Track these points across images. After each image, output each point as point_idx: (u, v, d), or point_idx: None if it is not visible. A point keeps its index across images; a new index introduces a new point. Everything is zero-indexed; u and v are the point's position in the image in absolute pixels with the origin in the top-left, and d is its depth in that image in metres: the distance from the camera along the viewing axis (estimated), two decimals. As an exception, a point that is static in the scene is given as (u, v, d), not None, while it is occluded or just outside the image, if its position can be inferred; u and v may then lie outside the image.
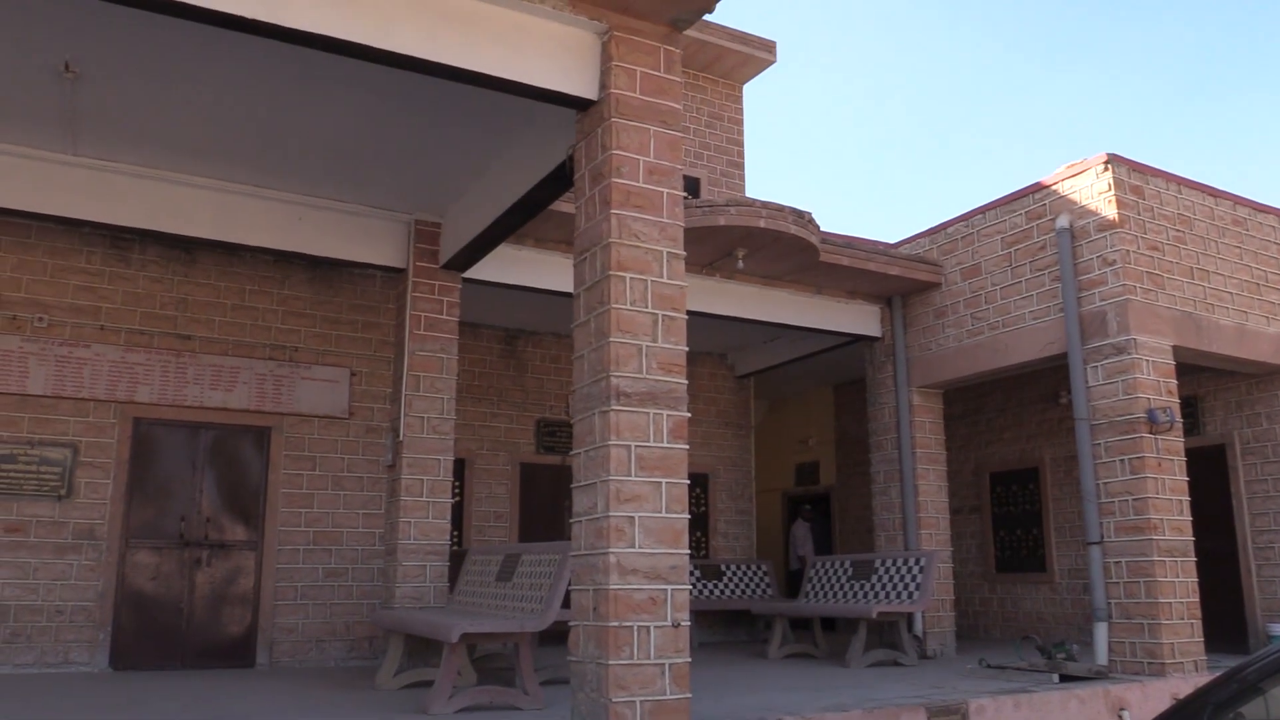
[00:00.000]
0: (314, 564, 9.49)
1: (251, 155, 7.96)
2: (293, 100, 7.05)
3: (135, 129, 7.54)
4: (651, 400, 5.55)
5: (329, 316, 9.94)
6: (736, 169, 15.55)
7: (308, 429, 9.67)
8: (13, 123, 7.45)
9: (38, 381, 8.71)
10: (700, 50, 14.78)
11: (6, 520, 8.44)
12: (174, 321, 9.31)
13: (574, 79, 5.94)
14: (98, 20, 6.03)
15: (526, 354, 12.29)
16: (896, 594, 9.94)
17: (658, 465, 5.51)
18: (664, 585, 5.41)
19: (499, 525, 11.72)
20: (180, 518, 9.11)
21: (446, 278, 9.05)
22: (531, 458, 12.07)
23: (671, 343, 5.69)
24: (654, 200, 5.81)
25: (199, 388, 9.28)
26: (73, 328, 8.92)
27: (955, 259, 10.93)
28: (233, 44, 6.17)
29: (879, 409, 11.55)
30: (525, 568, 7.35)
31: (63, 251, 9.00)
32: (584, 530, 5.59)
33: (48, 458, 8.66)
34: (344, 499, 9.69)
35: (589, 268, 5.85)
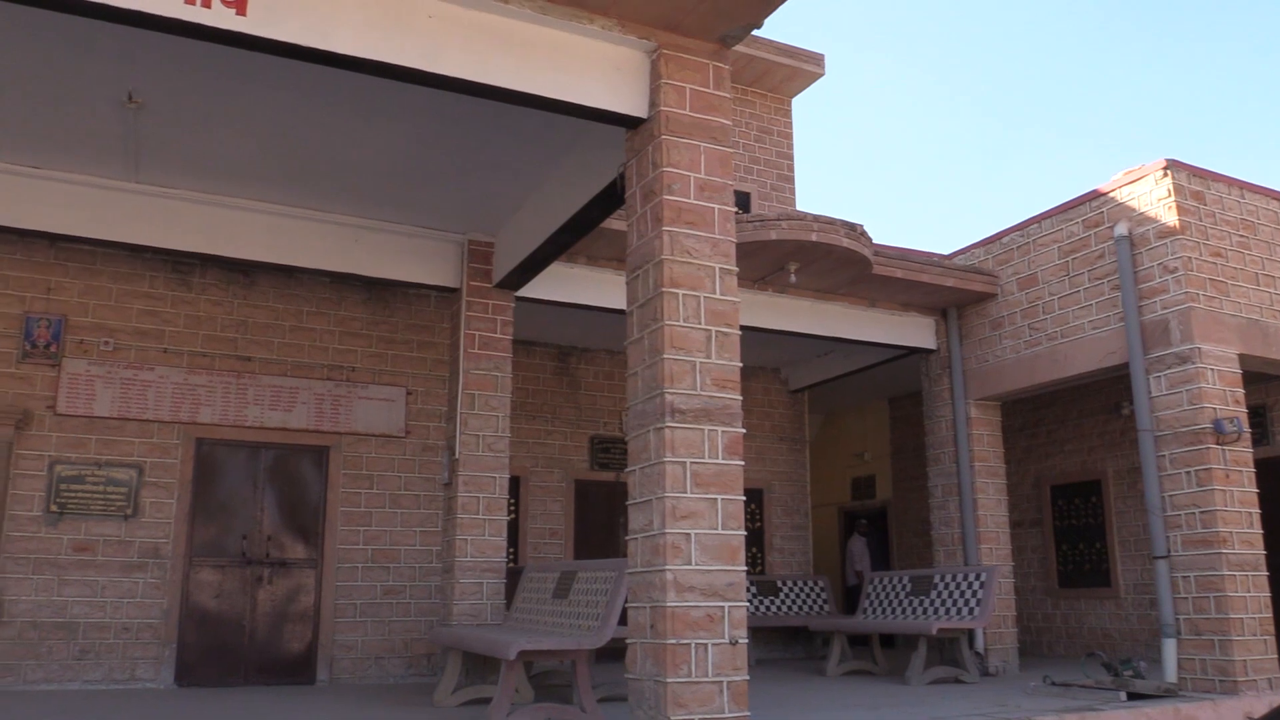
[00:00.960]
0: (372, 581, 9.59)
1: (307, 179, 8.11)
2: (346, 124, 7.17)
3: (195, 156, 7.71)
4: (706, 416, 5.54)
5: (385, 336, 10.06)
6: (786, 183, 15.50)
7: (365, 448, 9.78)
8: (79, 152, 7.66)
9: (104, 404, 8.91)
10: (748, 65, 14.78)
11: (75, 539, 8.63)
12: (234, 343, 9.48)
13: (624, 97, 5.97)
14: (159, 52, 6.19)
15: (579, 371, 12.34)
16: (957, 610, 9.79)
17: (713, 482, 5.50)
18: (721, 602, 5.39)
19: (554, 542, 11.75)
20: (242, 536, 9.25)
21: (500, 296, 9.12)
22: (586, 474, 12.09)
23: (725, 359, 5.67)
24: (705, 216, 5.82)
25: (259, 408, 9.44)
26: (137, 351, 9.13)
27: (1011, 269, 10.78)
28: (288, 71, 6.29)
29: (936, 422, 11.41)
30: (581, 585, 7.36)
31: (127, 276, 9.21)
32: (640, 547, 5.58)
33: (114, 478, 8.85)
34: (401, 517, 9.78)
35: (641, 285, 5.86)
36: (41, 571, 8.48)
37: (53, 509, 8.59)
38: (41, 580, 8.46)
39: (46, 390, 8.76)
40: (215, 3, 5.08)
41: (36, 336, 8.81)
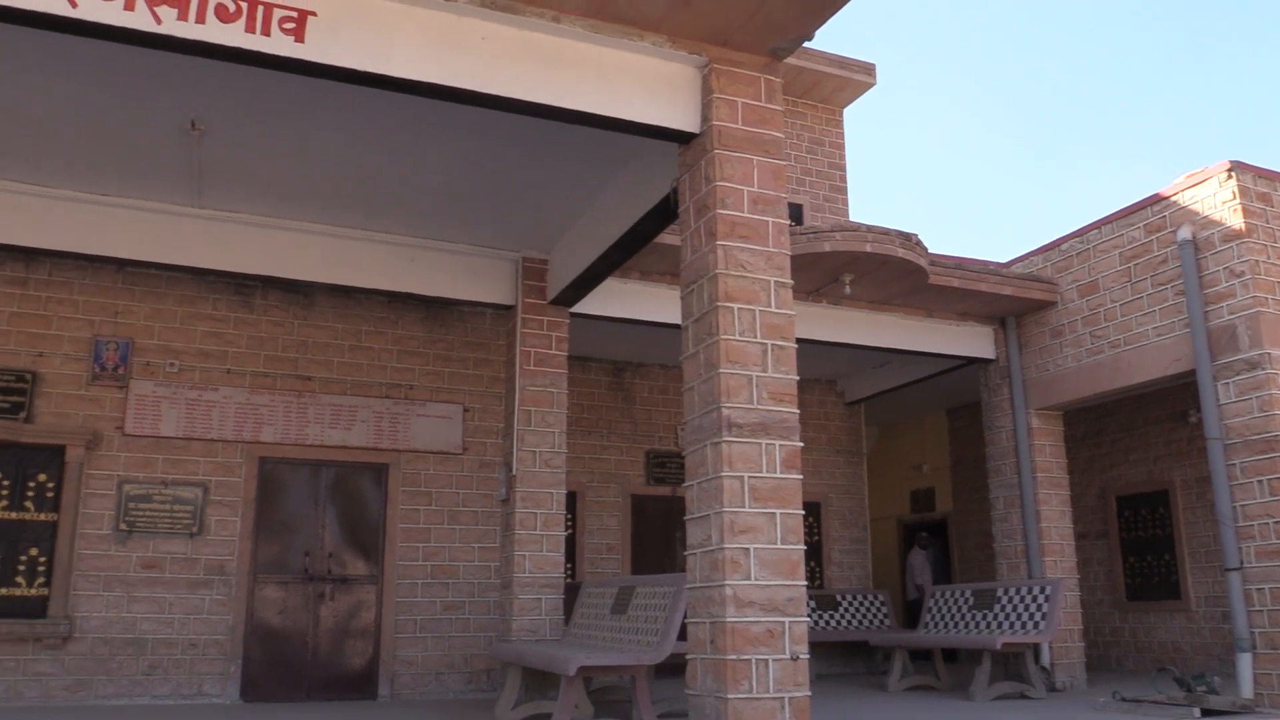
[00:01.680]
0: (432, 597, 9.66)
1: (364, 201, 8.23)
2: (402, 146, 7.27)
3: (255, 180, 7.87)
4: (763, 430, 5.51)
5: (442, 354, 10.17)
6: (839, 193, 15.42)
7: (423, 465, 9.88)
8: (144, 179, 7.86)
9: (170, 424, 9.10)
10: (799, 76, 14.74)
11: (144, 557, 8.81)
12: (295, 363, 9.64)
13: (676, 113, 5.99)
14: (220, 80, 6.34)
15: (634, 386, 12.36)
16: (1021, 624, 9.62)
17: (771, 496, 5.47)
18: (781, 617, 5.35)
19: (611, 557, 11.75)
20: (304, 553, 9.38)
21: (554, 313, 9.18)
22: (642, 489, 12.09)
23: (782, 372, 5.65)
24: (759, 230, 5.80)
25: (319, 427, 9.58)
26: (201, 372, 9.31)
27: (1071, 276, 10.61)
28: (344, 95, 6.40)
29: (996, 433, 11.24)
30: (640, 600, 7.35)
31: (191, 299, 9.42)
32: (699, 562, 5.57)
33: (180, 497, 9.02)
34: (460, 533, 9.85)
35: (696, 299, 5.86)
36: (111, 589, 8.67)
37: (122, 527, 8.78)
38: (111, 597, 8.65)
39: (115, 411, 8.97)
40: (274, 30, 5.19)
41: (105, 359, 9.03)
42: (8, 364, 8.74)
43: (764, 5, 5.57)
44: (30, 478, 8.70)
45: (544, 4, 5.60)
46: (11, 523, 8.58)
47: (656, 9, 5.63)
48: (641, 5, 5.60)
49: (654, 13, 5.66)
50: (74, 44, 5.82)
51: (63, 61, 6.19)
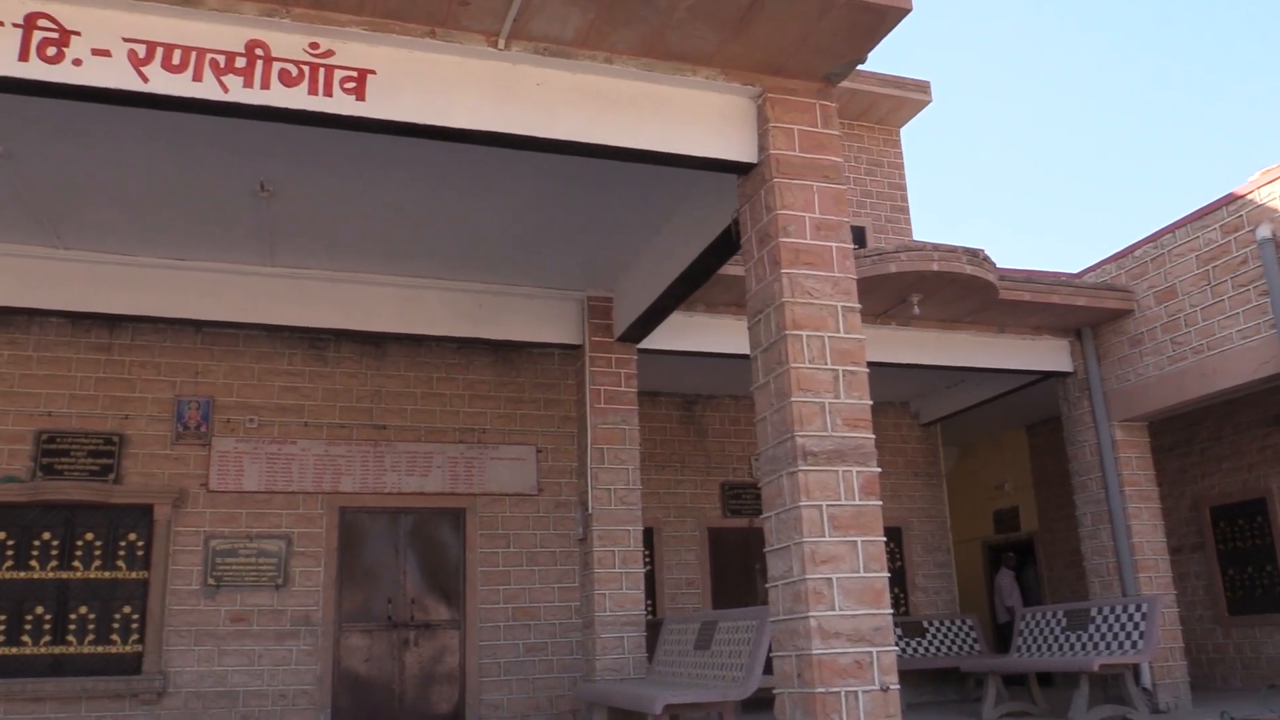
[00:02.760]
0: (514, 639, 9.67)
1: (431, 250, 8.37)
2: (464, 194, 7.38)
3: (324, 237, 8.06)
4: (839, 458, 5.44)
5: (512, 397, 10.25)
6: (901, 213, 15.29)
7: (500, 507, 9.93)
8: (217, 242, 8.09)
9: (252, 478, 9.29)
10: (853, 99, 14.69)
11: (232, 610, 8.98)
12: (370, 413, 9.79)
13: (733, 144, 6.00)
14: (286, 142, 6.51)
15: (705, 418, 12.31)
16: (1119, 644, 9.31)
17: (851, 524, 5.39)
18: (869, 647, 5.25)
19: (691, 592, 11.67)
20: (387, 600, 9.47)
21: (622, 350, 9.20)
22: (718, 522, 12.01)
23: (855, 398, 5.58)
24: (823, 256, 5.77)
25: (396, 474, 9.70)
26: (280, 426, 9.50)
27: (1146, 283, 10.35)
28: (405, 149, 6.53)
29: (1079, 447, 10.96)
30: (723, 635, 7.27)
31: (267, 356, 9.64)
32: (781, 594, 5.50)
33: (265, 549, 9.19)
34: (539, 574, 9.87)
35: (764, 329, 5.83)
36: (202, 643, 8.83)
37: (210, 582, 8.96)
38: (203, 651, 8.82)
39: (199, 469, 9.19)
40: (336, 91, 5.32)
41: (187, 418, 9.26)
42: (96, 428, 9.01)
43: (815, 32, 5.57)
44: (121, 537, 8.94)
45: (596, 46, 5.66)
46: (105, 581, 8.81)
47: (708, 44, 5.66)
48: (693, 41, 5.64)
49: (706, 47, 5.70)
50: (146, 116, 6.02)
51: (136, 134, 6.42)
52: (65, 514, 8.88)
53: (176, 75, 5.13)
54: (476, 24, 5.44)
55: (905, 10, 5.46)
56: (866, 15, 5.46)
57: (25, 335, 9.05)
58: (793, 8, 5.36)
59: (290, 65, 5.28)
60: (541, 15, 5.37)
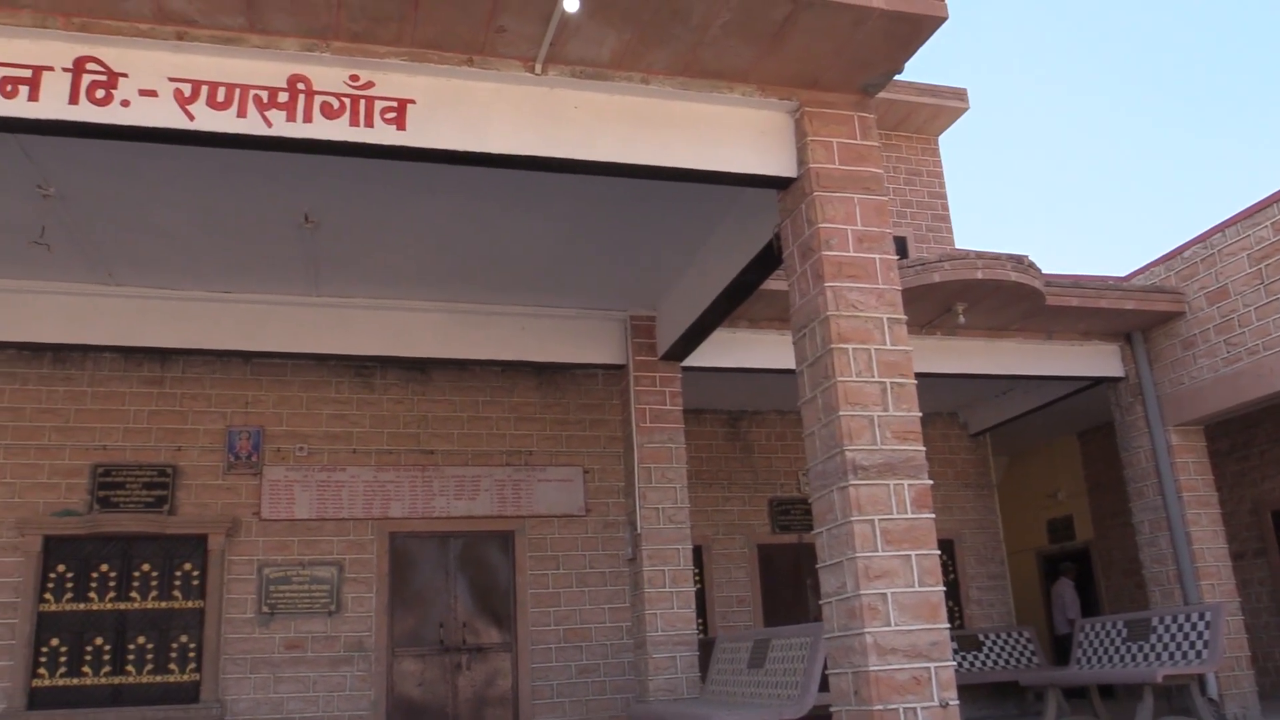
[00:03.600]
0: (566, 661, 9.66)
1: (474, 275, 8.43)
2: (504, 219, 7.43)
3: (369, 266, 8.14)
4: (890, 471, 5.39)
5: (558, 418, 10.27)
6: (942, 222, 15.16)
7: (548, 529, 9.94)
8: (264, 274, 8.21)
9: (303, 506, 9.38)
10: (890, 109, 14.62)
11: (286, 638, 9.05)
12: (417, 438, 9.86)
13: (771, 159, 5.98)
14: (328, 173, 6.60)
15: (752, 434, 12.26)
16: (1182, 654, 9.10)
17: (904, 537, 5.32)
18: (926, 663, 5.17)
19: (742, 610, 11.59)
20: (439, 624, 9.50)
21: (666, 368, 9.19)
22: (768, 538, 11.93)
23: (904, 410, 5.52)
24: (867, 268, 5.73)
25: (445, 499, 9.75)
26: (329, 454, 9.59)
27: (1197, 284, 10.16)
28: (446, 176, 6.58)
29: (1133, 453, 10.76)
30: (776, 653, 7.21)
31: (315, 384, 9.74)
32: (835, 611, 5.44)
33: (317, 576, 9.26)
34: (589, 595, 9.86)
35: (809, 343, 5.79)
36: (258, 670, 8.91)
37: (264, 610, 9.04)
38: (258, 679, 8.89)
39: (251, 498, 9.30)
40: (377, 121, 5.39)
41: (239, 448, 9.38)
42: (150, 460, 9.16)
43: (850, 44, 5.55)
44: (177, 567, 9.06)
45: (632, 67, 5.68)
46: (162, 612, 8.93)
47: (743, 60, 5.66)
48: (728, 58, 5.64)
49: (741, 64, 5.70)
50: (193, 153, 6.13)
51: (183, 170, 6.53)
52: (122, 546, 9.02)
53: (221, 112, 5.22)
54: (513, 50, 5.49)
55: (941, 19, 5.42)
56: (902, 25, 5.43)
57: (80, 371, 9.24)
58: (827, 21, 5.35)
59: (331, 98, 5.35)
60: (577, 39, 5.41)
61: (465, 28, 5.28)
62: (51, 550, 8.86)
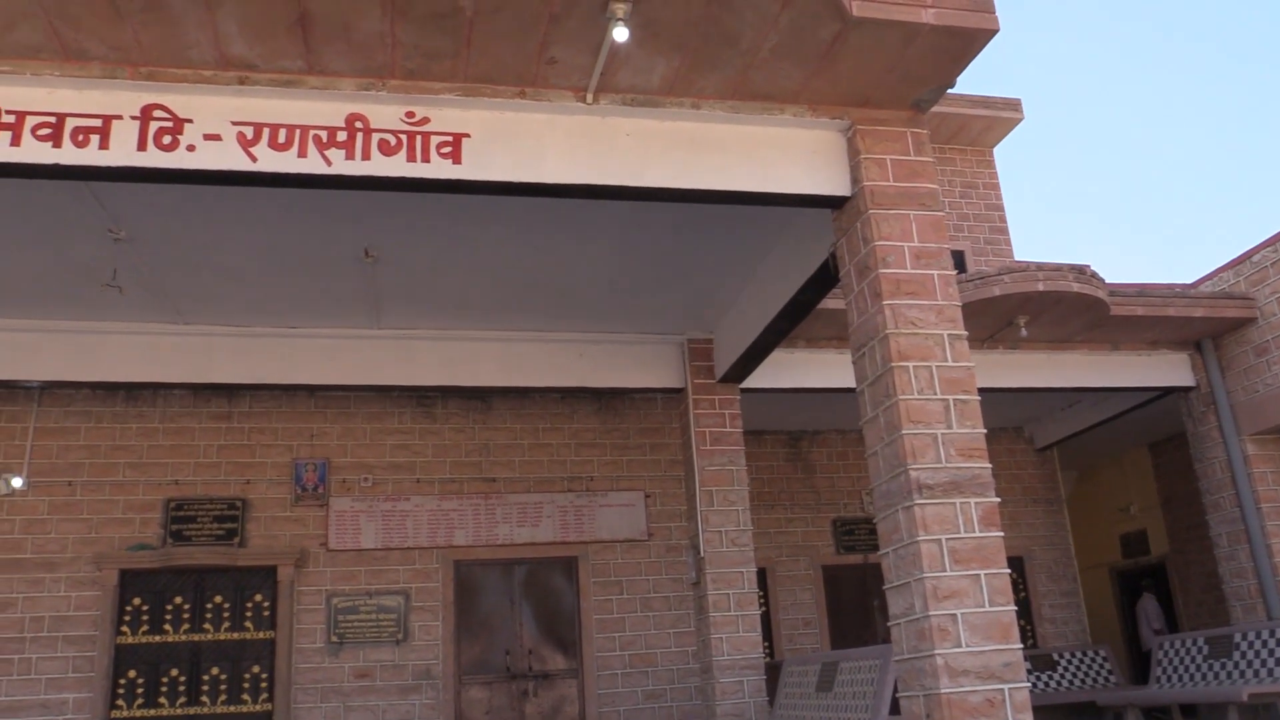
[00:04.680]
0: (632, 687, 9.63)
1: (531, 304, 8.50)
2: (560, 247, 7.49)
3: (428, 297, 8.26)
4: (956, 489, 5.31)
5: (618, 443, 10.29)
6: (1000, 235, 14.96)
7: (611, 554, 9.95)
8: (327, 309, 8.36)
9: (369, 536, 9.50)
10: (943, 122, 14.50)
11: (355, 666, 9.15)
12: (479, 466, 9.94)
13: (825, 179, 5.97)
14: (387, 208, 6.72)
15: (813, 454, 12.17)
16: (1268, 671, 8.81)
17: (973, 556, 5.24)
18: (1000, 684, 5.07)
19: (808, 632, 11.47)
20: (505, 651, 9.54)
21: (725, 391, 9.18)
22: (832, 559, 11.80)
23: (968, 427, 5.45)
24: (925, 284, 5.68)
25: (508, 526, 9.81)
26: (394, 484, 9.72)
27: (1269, 288, 9.90)
28: (502, 206, 6.67)
29: (1208, 465, 10.48)
30: (845, 675, 7.12)
31: (378, 416, 9.89)
32: (904, 632, 5.36)
33: (384, 605, 9.36)
34: (654, 620, 9.83)
35: (869, 362, 5.75)
36: (328, 699, 9.02)
37: (333, 639, 9.16)
38: (329, 708, 9.00)
39: (318, 529, 9.44)
40: (433, 156, 5.48)
41: (305, 480, 9.54)
42: (220, 493, 9.35)
43: (901, 61, 5.52)
44: (248, 598, 9.22)
45: (683, 93, 5.71)
46: (234, 642, 9.08)
47: (793, 81, 5.67)
48: (778, 80, 5.65)
49: (791, 85, 5.70)
50: (255, 193, 6.29)
51: (246, 210, 6.70)
52: (195, 578, 9.20)
53: (283, 153, 5.35)
54: (564, 80, 5.55)
55: (992, 31, 5.38)
56: (953, 40, 5.40)
57: (152, 408, 9.47)
58: (877, 39, 5.34)
59: (389, 135, 5.46)
60: (627, 67, 5.46)
61: (517, 61, 5.36)
62: (127, 584, 9.07)
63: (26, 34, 4.99)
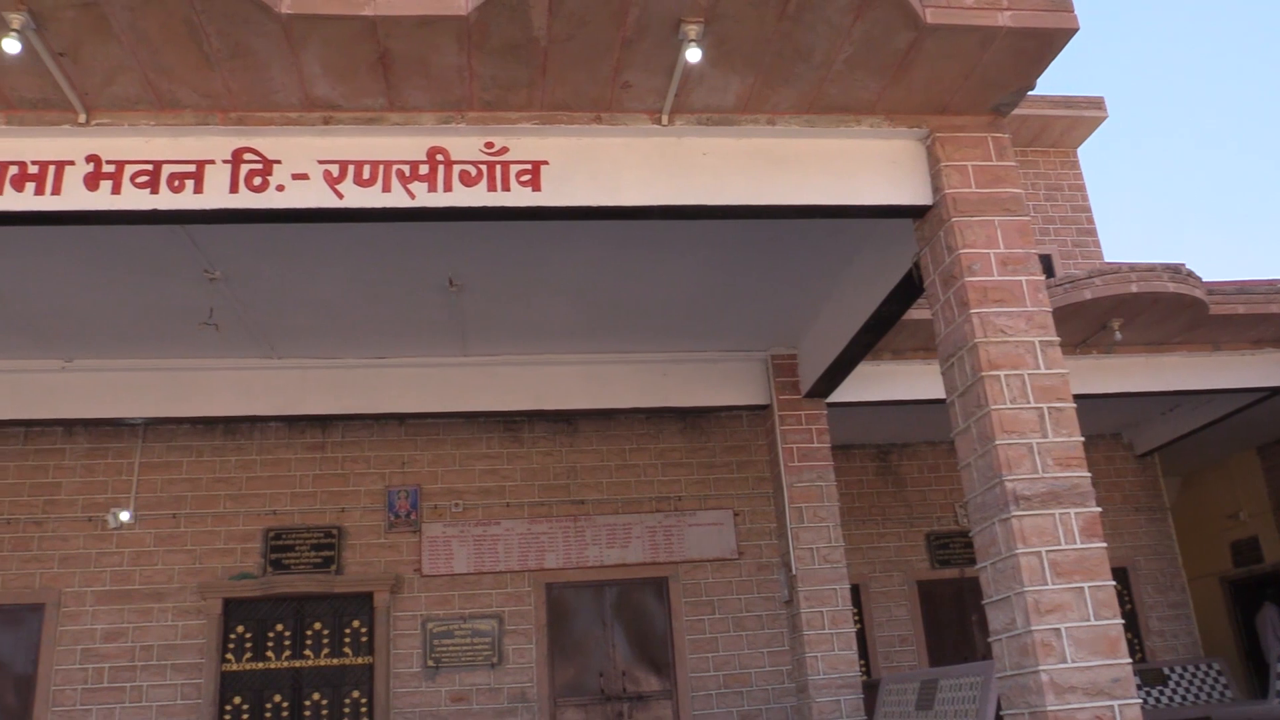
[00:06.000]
0: (728, 708, 9.55)
1: (612, 325, 8.56)
2: (640, 268, 7.53)
3: (512, 324, 8.37)
4: (1054, 500, 5.18)
5: (705, 462, 10.26)
6: (1088, 236, 14.59)
7: (701, 574, 9.91)
8: (414, 338, 8.53)
9: (461, 561, 9.62)
10: (1023, 125, 14.22)
11: (451, 690, 9.25)
12: (567, 489, 10.00)
13: (905, 189, 5.90)
14: (469, 238, 6.84)
15: (903, 467, 11.97)
16: (1397, 682, 8.37)
17: (1075, 569, 5.10)
18: (1109, 700, 4.92)
19: (905, 649, 11.26)
20: (598, 673, 9.55)
21: (811, 406, 9.10)
22: (927, 574, 11.58)
23: (1064, 435, 5.32)
24: (1013, 291, 5.57)
25: (597, 548, 9.84)
26: (484, 509, 9.83)
27: (1380, 282, 9.46)
28: (581, 230, 6.73)
29: (1321, 467, 10.04)
30: (946, 693, 6.97)
31: (467, 442, 10.02)
32: (1006, 648, 5.23)
33: (478, 629, 9.45)
34: (746, 639, 9.75)
35: (958, 372, 5.65)
36: (427, 724, 9.13)
37: (429, 664, 9.27)
38: (428, 733, 9.10)
39: (411, 555, 9.59)
40: (513, 184, 5.57)
41: (398, 507, 9.71)
42: (316, 522, 9.56)
43: (979, 66, 5.45)
44: (346, 624, 9.40)
45: (758, 110, 5.71)
46: (334, 668, 9.26)
47: (869, 92, 5.62)
48: (854, 91, 5.61)
49: (867, 96, 5.66)
50: (343, 229, 6.45)
51: (333, 245, 6.87)
52: (295, 605, 9.41)
53: (367, 189, 5.49)
54: (639, 104, 5.60)
55: (1071, 31, 5.27)
56: (1031, 42, 5.31)
57: (249, 441, 9.75)
58: (953, 45, 5.27)
59: (469, 166, 5.56)
60: (701, 87, 5.47)
61: (592, 86, 5.42)
62: (231, 612, 9.32)
63: (124, 87, 5.21)
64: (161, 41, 4.91)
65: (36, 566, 9.18)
